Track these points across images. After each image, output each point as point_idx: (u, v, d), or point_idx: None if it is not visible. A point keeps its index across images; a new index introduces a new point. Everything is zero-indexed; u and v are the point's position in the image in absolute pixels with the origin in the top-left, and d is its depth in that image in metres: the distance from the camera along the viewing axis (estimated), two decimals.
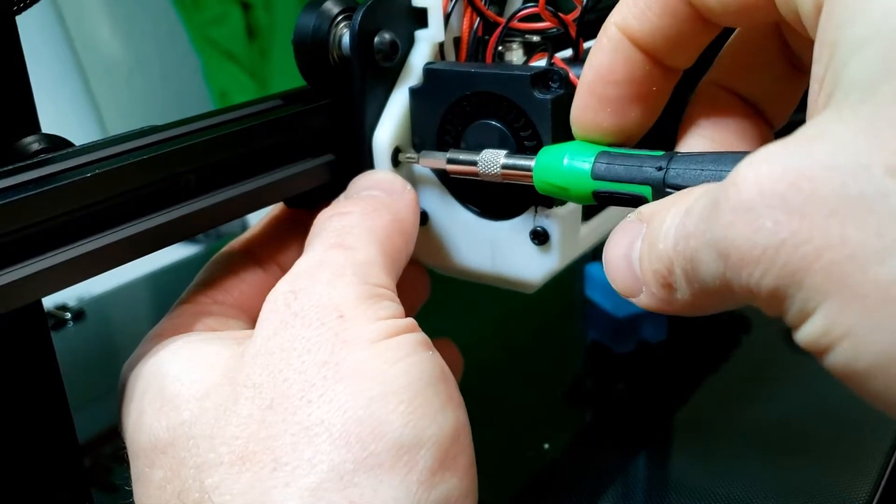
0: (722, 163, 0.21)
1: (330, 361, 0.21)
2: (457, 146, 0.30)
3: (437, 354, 0.23)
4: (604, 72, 0.24)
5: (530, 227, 0.30)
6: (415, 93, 0.30)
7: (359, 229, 0.26)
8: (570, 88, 0.28)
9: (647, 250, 0.20)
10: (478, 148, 0.29)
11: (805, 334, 0.16)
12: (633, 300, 0.21)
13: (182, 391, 0.23)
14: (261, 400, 0.21)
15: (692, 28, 0.23)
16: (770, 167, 0.16)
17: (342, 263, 0.24)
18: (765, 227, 0.15)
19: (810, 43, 0.18)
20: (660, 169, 0.22)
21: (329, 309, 0.22)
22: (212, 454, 0.21)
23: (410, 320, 0.24)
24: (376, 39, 0.29)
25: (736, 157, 0.21)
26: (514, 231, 0.30)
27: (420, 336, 0.23)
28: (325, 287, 0.23)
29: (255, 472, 0.20)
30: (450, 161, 0.29)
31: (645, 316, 0.54)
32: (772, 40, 0.24)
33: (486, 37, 0.31)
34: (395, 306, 0.24)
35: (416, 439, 0.20)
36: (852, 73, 0.16)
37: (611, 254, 0.22)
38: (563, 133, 0.27)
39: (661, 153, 0.23)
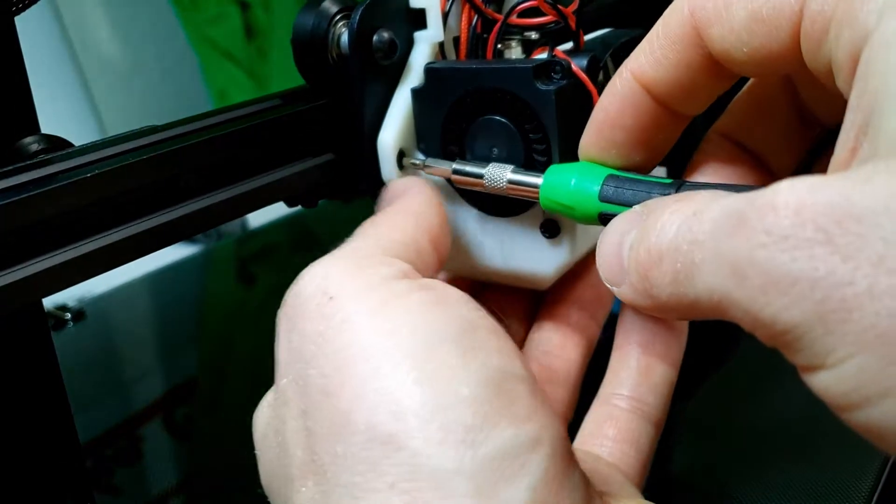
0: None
1: (337, 350, 0.21)
2: (461, 145, 0.29)
3: (454, 301, 0.22)
4: (613, 115, 0.24)
5: (540, 221, 0.30)
6: (417, 93, 0.30)
7: (358, 233, 0.25)
8: (572, 79, 0.28)
9: (637, 242, 0.20)
10: (483, 146, 0.29)
11: (826, 382, 0.15)
12: (615, 291, 0.21)
13: (258, 436, 0.23)
14: (296, 408, 0.21)
15: (707, 78, 0.22)
16: (815, 199, 0.15)
17: (327, 258, 0.23)
18: (801, 259, 0.15)
19: (828, 96, 0.18)
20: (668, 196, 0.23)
21: (318, 295, 0.22)
22: (286, 478, 0.21)
23: (407, 273, 0.23)
24: (375, 38, 0.29)
25: (747, 189, 0.21)
26: (524, 225, 0.30)
27: (422, 294, 0.22)
28: (308, 279, 0.22)
29: (314, 479, 0.20)
30: (455, 173, 0.29)
31: None
32: (783, 94, 0.24)
33: (485, 34, 0.31)
34: (387, 267, 0.23)
35: (440, 406, 0.19)
36: None
37: (605, 240, 0.21)
38: (567, 124, 0.27)
39: (670, 181, 0.23)
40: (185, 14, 1.12)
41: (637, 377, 0.28)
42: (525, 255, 0.31)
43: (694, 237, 0.17)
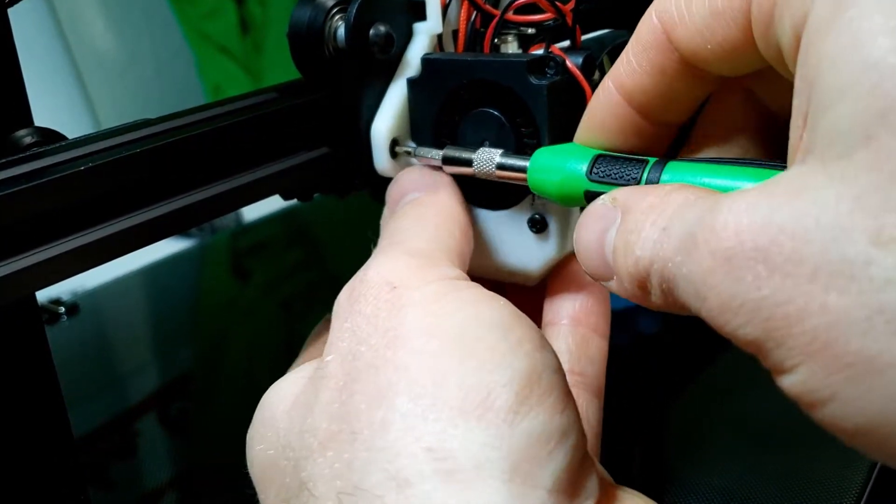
0: (718, 174, 0.21)
1: (390, 328, 0.22)
2: (455, 135, 0.30)
3: (503, 302, 0.23)
4: (596, 125, 0.24)
5: (528, 216, 0.30)
6: (413, 83, 0.30)
7: (410, 229, 0.26)
8: (566, 75, 0.28)
9: (622, 251, 0.20)
10: (475, 138, 0.29)
11: (787, 386, 0.16)
12: (603, 284, 0.21)
13: (275, 410, 0.23)
14: (336, 381, 0.22)
15: (682, 84, 0.22)
16: (751, 218, 0.16)
17: (393, 253, 0.25)
18: (744, 280, 0.15)
19: (788, 92, 0.18)
20: (655, 174, 0.23)
21: (382, 285, 0.23)
22: (304, 450, 0.21)
23: (465, 277, 0.24)
24: (371, 32, 0.29)
25: (731, 168, 0.21)
26: (513, 220, 0.30)
27: (477, 290, 0.23)
28: (375, 270, 0.23)
29: (336, 449, 0.20)
30: (445, 158, 0.29)
31: (640, 308, 0.54)
32: (745, 107, 0.24)
33: (484, 30, 0.31)
34: (449, 269, 0.24)
35: (483, 383, 0.20)
36: (834, 123, 0.15)
37: (582, 237, 0.21)
38: (559, 119, 0.27)
39: (654, 159, 0.23)
40: (180, 8, 1.12)
41: (575, 351, 0.29)
42: (514, 250, 0.31)
43: (665, 256, 0.18)
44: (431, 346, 0.21)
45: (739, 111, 0.24)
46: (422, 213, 0.27)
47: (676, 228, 0.18)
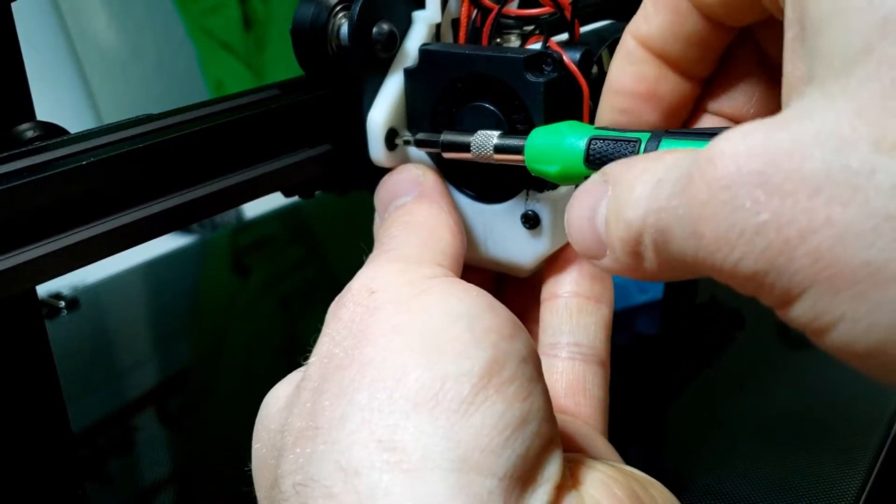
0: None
1: (361, 330, 0.22)
2: (450, 128, 0.29)
3: (476, 293, 0.23)
4: (617, 81, 0.24)
5: (522, 211, 0.30)
6: (410, 73, 0.30)
7: (398, 237, 0.27)
8: (563, 71, 0.27)
9: (613, 217, 0.19)
10: (471, 130, 0.29)
11: (794, 317, 0.15)
12: (596, 263, 0.21)
13: (270, 410, 0.24)
14: (312, 383, 0.22)
15: (699, 28, 0.22)
16: (748, 142, 0.15)
17: (379, 261, 0.25)
18: (743, 207, 0.15)
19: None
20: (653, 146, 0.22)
21: (362, 291, 0.23)
22: (282, 447, 0.22)
23: (448, 275, 0.24)
24: (375, 30, 0.29)
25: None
26: (506, 214, 0.30)
27: (450, 284, 0.23)
28: (359, 280, 0.24)
29: (302, 444, 0.21)
30: (443, 143, 0.29)
31: (639, 309, 0.54)
32: (757, 60, 0.24)
33: (483, 24, 0.30)
34: (431, 269, 0.24)
35: (439, 375, 0.20)
36: (831, 42, 0.15)
37: (574, 215, 0.21)
38: (555, 116, 0.27)
39: (649, 133, 0.23)
40: (182, 4, 1.12)
41: (576, 322, 0.29)
42: (506, 244, 0.31)
43: (660, 206, 0.17)
44: (396, 342, 0.21)
45: (752, 65, 0.24)
46: (409, 219, 0.28)
47: (671, 176, 0.17)
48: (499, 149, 0.27)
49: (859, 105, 0.14)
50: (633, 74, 0.24)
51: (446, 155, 0.29)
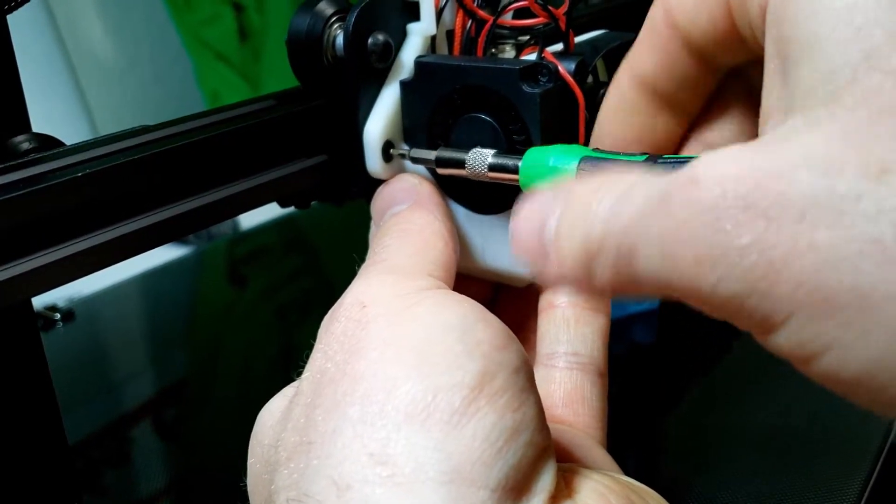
0: None
1: (353, 344, 0.22)
2: (447, 139, 0.30)
3: (468, 304, 0.23)
4: (611, 119, 0.25)
5: None
6: (405, 86, 0.30)
7: (391, 246, 0.27)
8: (559, 82, 0.28)
9: (567, 232, 0.19)
10: (468, 141, 0.29)
11: (778, 344, 0.15)
12: (540, 276, 0.20)
13: (264, 426, 0.24)
14: (305, 398, 0.22)
15: (690, 68, 0.23)
16: (734, 166, 0.15)
17: (371, 273, 0.25)
18: (725, 230, 0.15)
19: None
20: None
21: (354, 305, 0.23)
22: (275, 463, 0.22)
23: (441, 286, 0.24)
24: (370, 40, 0.29)
25: None
26: (504, 225, 0.30)
27: (442, 296, 0.23)
28: (352, 293, 0.24)
29: (296, 460, 0.21)
30: (438, 159, 0.29)
31: (635, 318, 0.54)
32: (747, 97, 0.24)
33: (478, 34, 0.31)
34: (424, 281, 0.24)
35: (430, 387, 0.20)
36: (815, 71, 0.15)
37: (520, 225, 0.20)
38: (551, 127, 0.27)
39: (644, 156, 0.23)
40: (178, 15, 1.12)
41: (569, 331, 0.29)
42: (504, 254, 0.31)
43: (625, 225, 0.17)
44: (387, 355, 0.21)
45: (742, 98, 0.24)
46: (403, 228, 0.28)
47: (639, 194, 0.17)
48: (493, 167, 0.27)
49: (846, 131, 0.14)
50: (622, 123, 0.24)
51: (441, 171, 0.29)
